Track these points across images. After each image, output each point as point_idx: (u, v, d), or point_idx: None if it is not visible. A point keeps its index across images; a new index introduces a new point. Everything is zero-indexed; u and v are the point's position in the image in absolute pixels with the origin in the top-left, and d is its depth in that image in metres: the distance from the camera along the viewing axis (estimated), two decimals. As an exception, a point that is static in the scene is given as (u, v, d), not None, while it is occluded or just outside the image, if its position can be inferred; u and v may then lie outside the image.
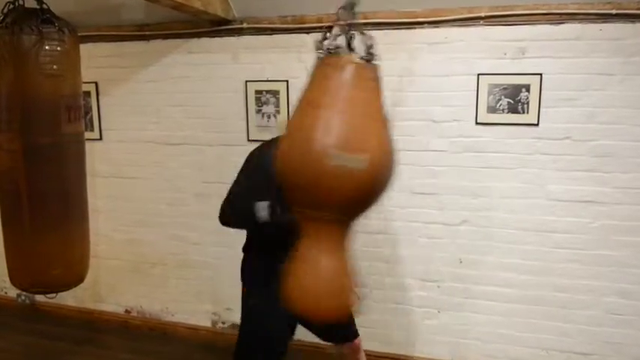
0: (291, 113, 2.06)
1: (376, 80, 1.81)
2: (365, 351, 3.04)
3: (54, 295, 2.62)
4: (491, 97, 3.22)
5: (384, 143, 1.79)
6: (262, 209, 2.40)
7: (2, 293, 4.68)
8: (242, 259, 2.72)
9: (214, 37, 3.72)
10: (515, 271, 3.37)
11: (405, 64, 3.31)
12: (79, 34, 2.52)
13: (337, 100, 1.73)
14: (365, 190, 1.76)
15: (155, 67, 3.91)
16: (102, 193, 4.14)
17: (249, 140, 3.71)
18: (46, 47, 2.32)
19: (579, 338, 3.32)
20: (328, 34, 1.83)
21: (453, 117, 3.32)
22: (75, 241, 2.59)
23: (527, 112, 3.18)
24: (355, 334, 2.94)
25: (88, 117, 4.02)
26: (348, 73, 1.76)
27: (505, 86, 3.19)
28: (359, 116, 1.75)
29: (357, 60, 1.77)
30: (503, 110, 3.22)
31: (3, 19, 2.33)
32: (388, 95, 1.84)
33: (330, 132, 1.70)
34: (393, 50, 3.26)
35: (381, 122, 1.81)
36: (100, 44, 3.96)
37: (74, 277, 2.62)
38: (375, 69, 1.80)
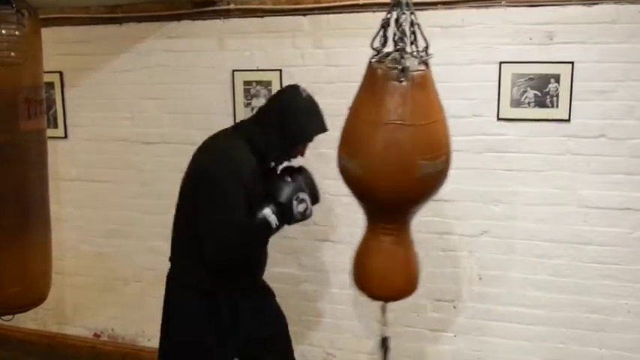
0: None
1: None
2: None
3: (10, 317, 2.61)
4: (516, 88, 3.22)
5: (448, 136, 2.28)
6: (269, 215, 2.45)
7: (-48, 314, 4.66)
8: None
9: (197, 19, 3.71)
10: (542, 290, 3.36)
11: (416, 51, 3.31)
12: (41, 16, 2.52)
13: (413, 111, 2.12)
14: (440, 186, 2.31)
15: (129, 54, 3.90)
16: (67, 199, 4.13)
17: (236, 138, 3.71)
18: (2, 31, 2.32)
19: (617, 366, 3.31)
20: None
21: (472, 112, 3.31)
22: (35, 255, 2.59)
23: (557, 106, 3.17)
24: None
25: (51, 112, 4.01)
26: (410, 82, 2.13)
27: (531, 76, 3.19)
28: (432, 119, 2.18)
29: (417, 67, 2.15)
30: (529, 104, 3.21)
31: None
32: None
33: (420, 143, 2.12)
34: (402, 35, 3.25)
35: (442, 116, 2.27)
36: (65, 28, 3.95)
37: (34, 295, 2.62)
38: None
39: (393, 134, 2.08)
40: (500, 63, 3.23)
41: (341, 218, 3.59)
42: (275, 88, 3.58)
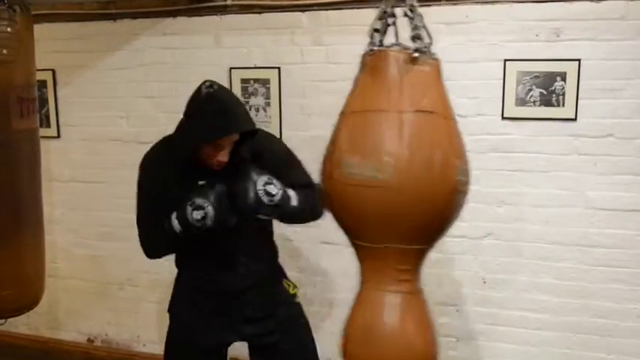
0: (336, 125, 1.91)
1: None
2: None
3: (3, 321, 2.61)
4: (521, 87, 3.22)
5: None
6: (173, 219, 2.39)
7: (-58, 319, 4.66)
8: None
9: (193, 16, 3.71)
10: (548, 293, 3.36)
11: (419, 49, 3.31)
12: (33, 12, 2.51)
13: (441, 101, 1.81)
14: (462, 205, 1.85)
15: (123, 51, 3.90)
16: (60, 200, 4.13)
17: (234, 138, 3.71)
18: (-6, 28, 2.31)
19: (625, 372, 3.31)
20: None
21: (476, 111, 3.31)
22: (27, 258, 2.58)
23: (563, 105, 3.17)
24: None
25: (43, 111, 4.00)
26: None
27: (537, 74, 3.19)
28: (454, 116, 1.83)
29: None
30: (534, 103, 3.21)
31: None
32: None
33: (453, 139, 1.78)
34: (402, 32, 3.25)
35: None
36: (58, 25, 3.95)
37: (27, 299, 2.61)
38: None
39: (424, 124, 1.72)
40: (505, 60, 3.22)
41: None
42: (273, 86, 3.58)
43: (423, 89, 1.75)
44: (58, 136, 4.10)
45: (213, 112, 2.31)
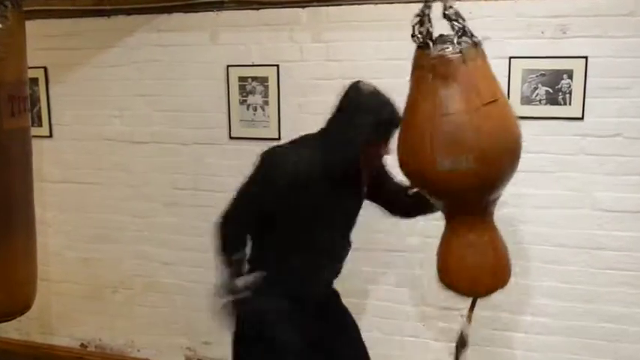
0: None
1: None
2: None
3: (-7, 326, 2.60)
4: (526, 85, 3.22)
5: None
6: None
7: None
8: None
9: (189, 12, 3.71)
10: (554, 297, 3.36)
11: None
12: (25, 8, 2.50)
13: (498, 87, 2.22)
14: None
15: (117, 48, 3.89)
16: (52, 202, 4.12)
17: (231, 138, 3.71)
18: (-16, 25, 2.30)
19: (633, 378, 3.31)
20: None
21: (480, 109, 3.30)
22: (18, 261, 2.57)
23: (570, 104, 3.18)
24: None
25: (35, 109, 4.00)
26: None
27: (543, 72, 3.19)
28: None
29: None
30: (540, 101, 3.22)
31: None
32: (402, 82, 1.83)
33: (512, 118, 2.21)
34: (406, 28, 3.24)
35: None
36: (51, 21, 3.95)
37: (18, 304, 2.60)
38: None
39: (496, 111, 2.11)
40: (510, 58, 3.23)
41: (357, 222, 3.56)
42: (272, 84, 3.58)
43: (484, 82, 2.12)
44: (50, 135, 4.10)
45: (384, 103, 2.46)
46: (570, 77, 3.16)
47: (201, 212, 3.71)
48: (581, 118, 3.18)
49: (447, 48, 2.07)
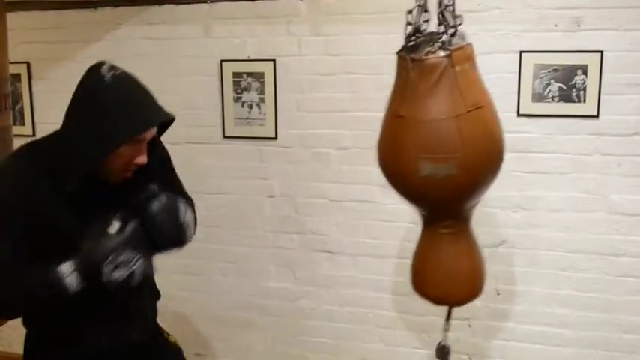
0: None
1: None
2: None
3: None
4: (538, 81, 3.22)
5: None
6: (67, 274, 1.90)
7: None
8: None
9: (180, 3, 3.71)
10: (568, 306, 3.36)
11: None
12: (6, 0, 2.50)
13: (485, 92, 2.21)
14: None
15: (104, 42, 3.90)
16: (35, 205, 4.11)
17: (225, 137, 3.71)
18: (-38, 17, 2.30)
19: (652, 392, 3.31)
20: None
21: (489, 107, 3.30)
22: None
23: (584, 101, 3.18)
24: None
25: (17, 107, 4.00)
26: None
27: (555, 67, 3.19)
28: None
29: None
30: (553, 98, 3.21)
31: None
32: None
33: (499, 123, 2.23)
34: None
35: None
36: (34, 13, 3.95)
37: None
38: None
39: (481, 117, 2.10)
40: (521, 52, 3.23)
41: (341, 226, 3.57)
42: (268, 80, 3.58)
43: (470, 87, 2.10)
44: (34, 134, 4.09)
45: (133, 99, 2.05)
46: (585, 73, 3.15)
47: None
48: (597, 116, 3.18)
49: (434, 50, 2.06)
